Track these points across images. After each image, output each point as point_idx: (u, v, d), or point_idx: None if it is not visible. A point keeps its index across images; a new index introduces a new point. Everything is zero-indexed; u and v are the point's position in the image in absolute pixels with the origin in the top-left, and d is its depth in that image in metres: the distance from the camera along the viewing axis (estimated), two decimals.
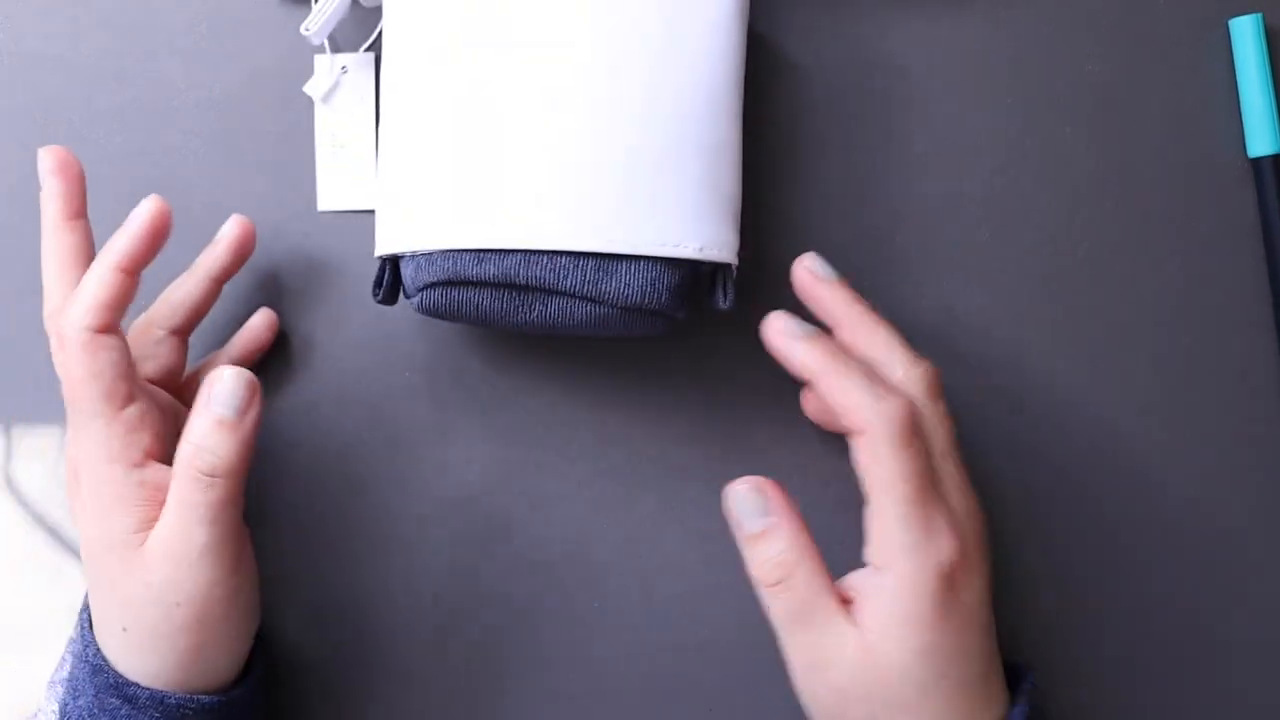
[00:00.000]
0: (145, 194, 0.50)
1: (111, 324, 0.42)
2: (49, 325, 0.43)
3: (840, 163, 0.51)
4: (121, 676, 0.42)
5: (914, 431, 0.41)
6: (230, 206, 0.50)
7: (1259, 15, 0.50)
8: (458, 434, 0.50)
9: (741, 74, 0.45)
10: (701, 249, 0.44)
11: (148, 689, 0.41)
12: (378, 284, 0.46)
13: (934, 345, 0.50)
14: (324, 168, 0.50)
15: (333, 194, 0.50)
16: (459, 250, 0.43)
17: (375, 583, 0.49)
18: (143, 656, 0.42)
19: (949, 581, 0.40)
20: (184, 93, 0.51)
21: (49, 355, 0.50)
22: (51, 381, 0.50)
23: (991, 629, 0.42)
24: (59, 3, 0.51)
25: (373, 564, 0.49)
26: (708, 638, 0.49)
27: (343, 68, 0.50)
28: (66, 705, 0.43)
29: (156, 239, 0.43)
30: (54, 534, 0.50)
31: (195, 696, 0.42)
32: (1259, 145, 0.50)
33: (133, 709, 0.41)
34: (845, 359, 0.42)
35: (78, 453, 0.42)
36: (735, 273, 0.45)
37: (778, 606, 0.42)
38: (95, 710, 0.42)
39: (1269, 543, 0.50)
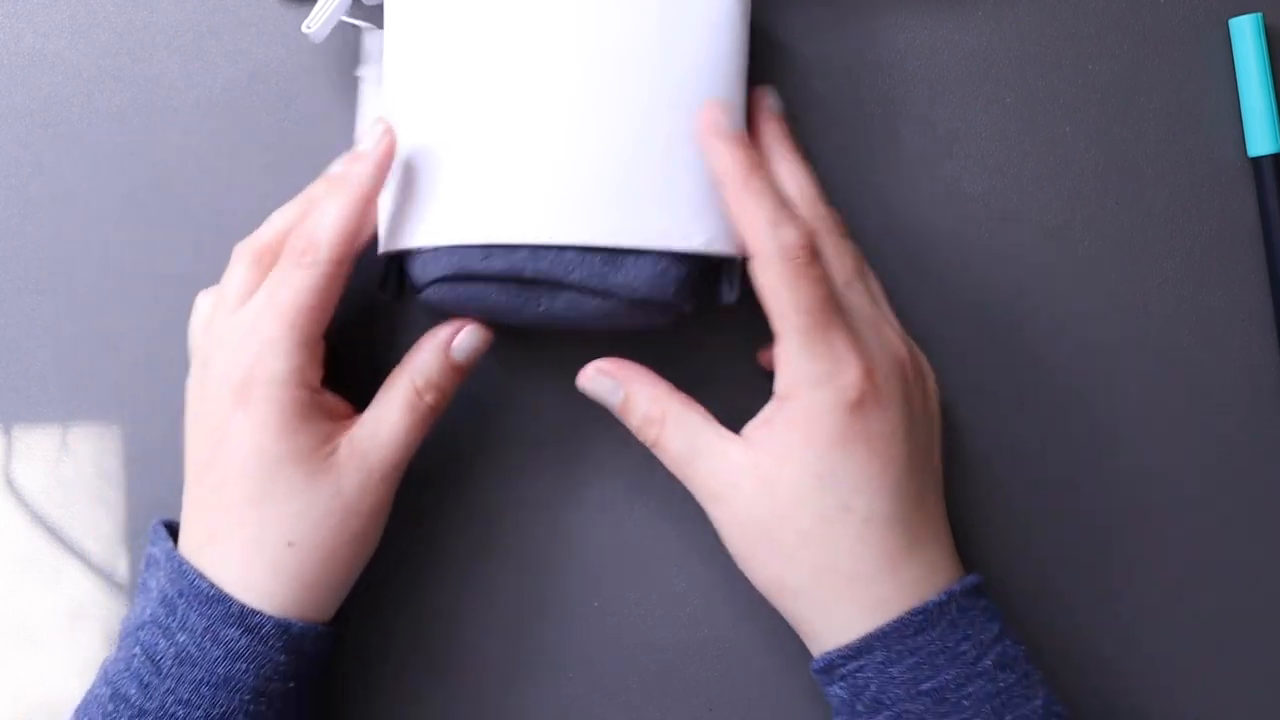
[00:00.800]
0: (145, 194, 0.51)
1: (357, 253, 0.44)
2: (268, 242, 0.45)
3: (840, 162, 0.51)
4: (244, 605, 0.41)
5: (810, 259, 0.41)
6: (230, 206, 0.50)
7: (1259, 15, 0.50)
8: (459, 433, 0.50)
9: (744, 68, 0.46)
10: (708, 242, 0.44)
11: (271, 616, 0.41)
12: (383, 281, 0.46)
13: (934, 345, 0.50)
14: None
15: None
16: (465, 246, 0.43)
17: (373, 581, 0.49)
18: (285, 575, 0.41)
19: (853, 409, 0.41)
20: (184, 92, 0.51)
21: (49, 355, 0.50)
22: (51, 381, 0.50)
23: (918, 475, 0.42)
24: (59, 2, 0.51)
25: (373, 565, 0.49)
26: (708, 636, 0.49)
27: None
28: (157, 646, 0.41)
29: (386, 172, 0.44)
30: (54, 534, 0.50)
31: (314, 625, 0.42)
32: (1259, 145, 0.50)
33: (253, 639, 0.41)
34: (760, 177, 0.42)
35: (264, 373, 0.42)
36: (742, 266, 0.45)
37: (666, 455, 0.44)
38: (204, 644, 0.40)
39: (1269, 542, 0.50)
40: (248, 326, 0.43)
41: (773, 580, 0.43)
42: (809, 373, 0.41)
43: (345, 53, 0.51)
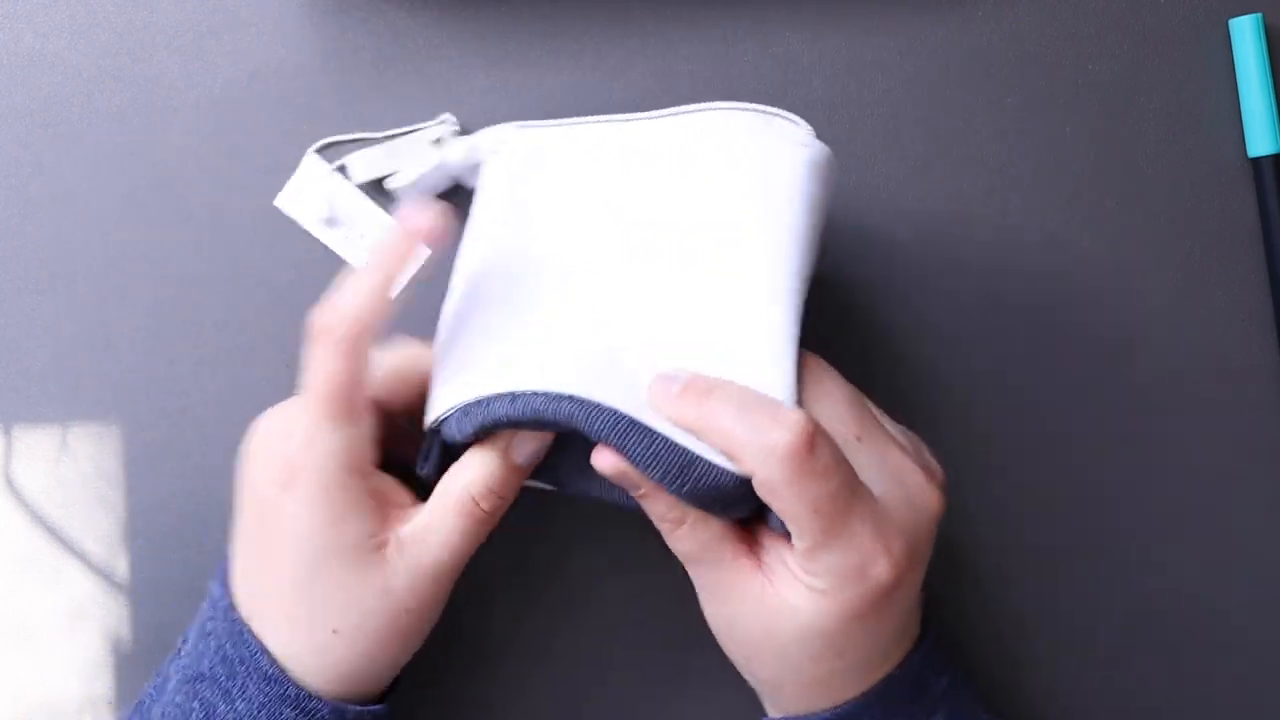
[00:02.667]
0: (146, 194, 0.51)
1: (376, 330, 0.42)
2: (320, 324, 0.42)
3: (840, 163, 0.51)
4: (300, 688, 0.40)
5: (809, 454, 0.37)
6: (230, 206, 0.50)
7: (1259, 15, 0.50)
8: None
9: (804, 261, 0.44)
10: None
11: (328, 703, 0.41)
12: (424, 457, 0.43)
13: (933, 345, 0.50)
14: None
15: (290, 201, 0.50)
16: (495, 395, 0.41)
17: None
18: (330, 659, 0.41)
19: (875, 603, 0.38)
20: (184, 93, 0.51)
21: (49, 355, 0.50)
22: (51, 381, 0.50)
23: (912, 604, 0.41)
24: (58, 2, 0.51)
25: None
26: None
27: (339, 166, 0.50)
28: (217, 709, 0.41)
29: (412, 246, 0.42)
30: (53, 534, 0.50)
31: (370, 707, 0.42)
32: (1259, 145, 0.50)
33: None
34: (721, 390, 0.39)
35: (307, 459, 0.40)
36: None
37: (675, 547, 0.41)
38: (261, 718, 0.40)
39: (1270, 542, 0.50)
40: (291, 411, 0.42)
41: (740, 664, 0.43)
42: (835, 568, 0.38)
43: (345, 53, 0.51)
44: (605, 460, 0.40)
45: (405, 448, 0.44)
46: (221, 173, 0.51)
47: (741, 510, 0.40)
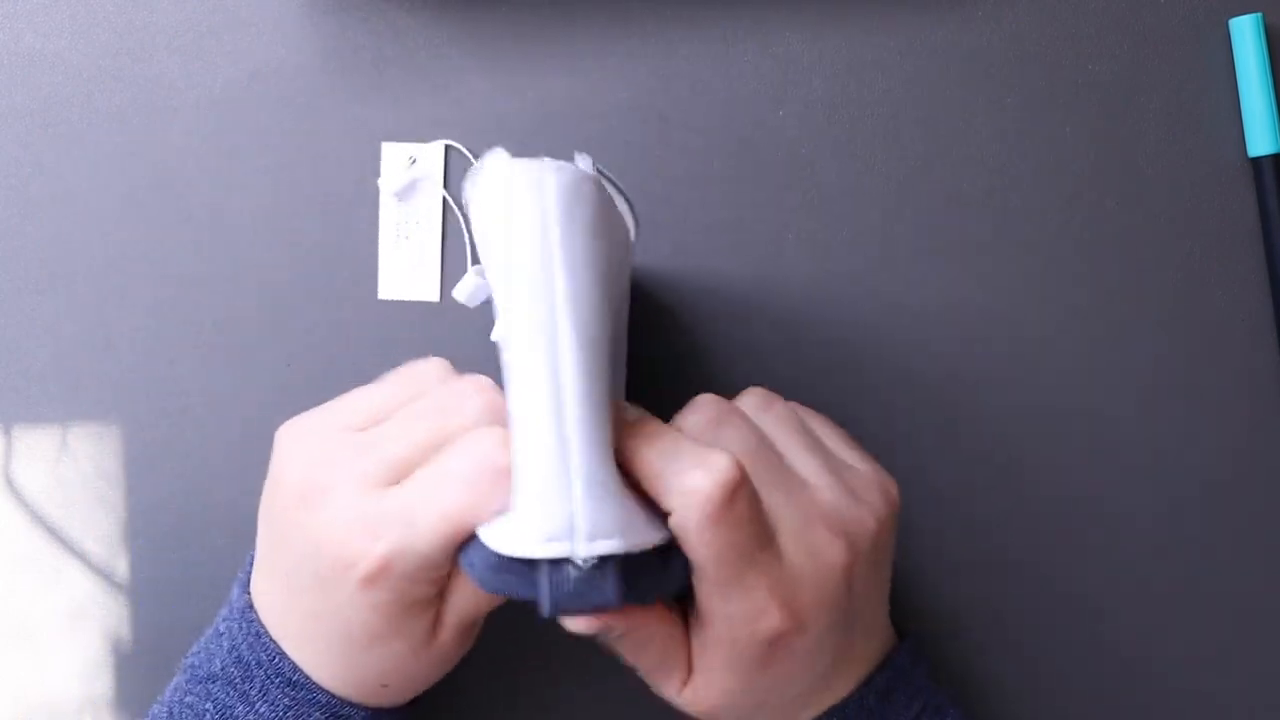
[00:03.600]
0: (146, 194, 0.51)
1: None
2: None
3: (840, 163, 0.51)
4: (333, 695, 0.40)
5: (731, 500, 0.36)
6: (230, 206, 0.50)
7: (1259, 15, 0.50)
8: None
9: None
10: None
11: (362, 708, 0.40)
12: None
13: (934, 345, 0.50)
14: (386, 258, 0.50)
15: (394, 284, 0.50)
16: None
17: None
18: (375, 698, 0.41)
19: (768, 648, 0.38)
20: (184, 93, 0.51)
21: (49, 355, 0.50)
22: (51, 381, 0.50)
23: (849, 630, 0.41)
24: (59, 2, 0.51)
25: None
26: None
27: (411, 159, 0.50)
28: (234, 710, 0.40)
29: None
30: (54, 534, 0.50)
31: (400, 709, 0.42)
32: (1259, 145, 0.50)
33: None
34: (654, 428, 0.38)
35: (400, 564, 0.37)
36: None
37: (627, 658, 0.41)
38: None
39: (1269, 543, 0.50)
40: (403, 506, 0.37)
41: None
42: (724, 612, 0.38)
43: (345, 53, 0.51)
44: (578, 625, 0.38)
45: None
46: (221, 173, 0.51)
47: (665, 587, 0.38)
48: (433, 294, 0.50)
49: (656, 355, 0.50)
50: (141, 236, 0.50)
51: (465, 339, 0.50)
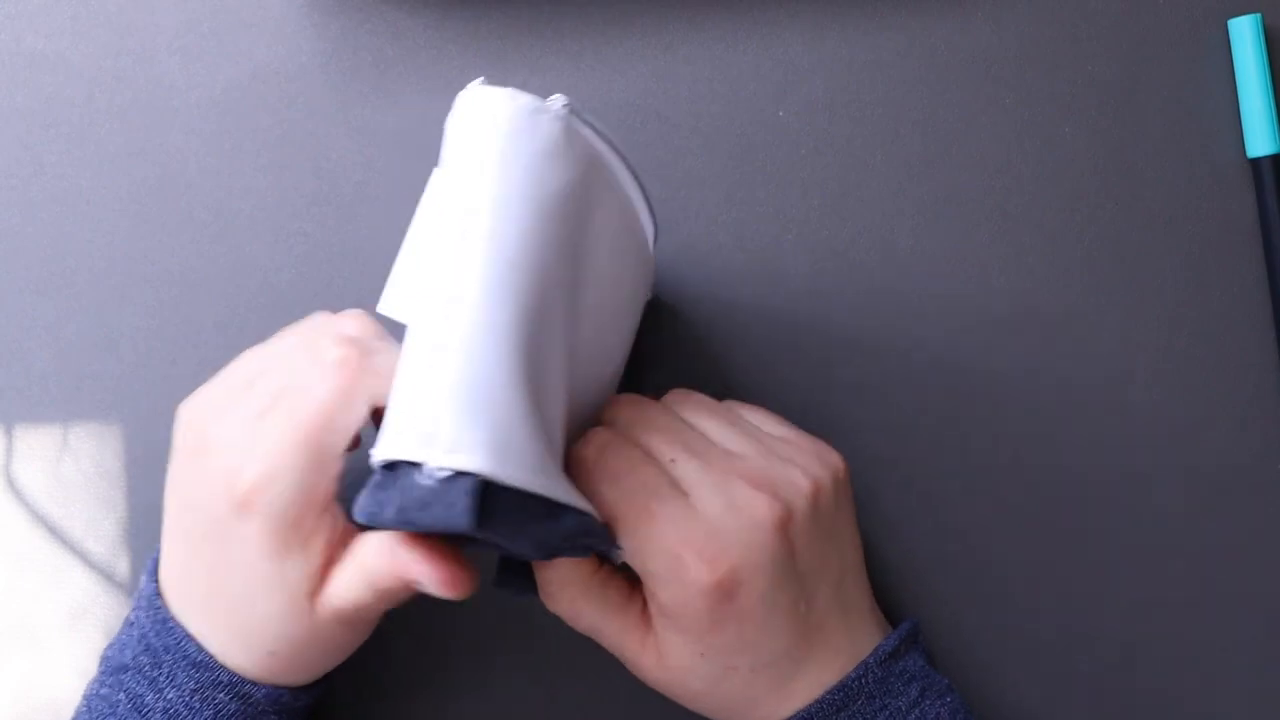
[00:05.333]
0: (147, 194, 0.51)
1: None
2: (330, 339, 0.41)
3: (841, 163, 0.51)
4: (234, 674, 0.40)
5: (598, 457, 0.39)
6: (231, 206, 0.50)
7: (1258, 15, 0.50)
8: None
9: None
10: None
11: (263, 687, 0.41)
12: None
13: (934, 345, 0.50)
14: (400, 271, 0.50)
15: (396, 305, 0.50)
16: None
17: None
18: (265, 667, 0.41)
19: (705, 602, 0.39)
20: (185, 93, 0.51)
21: (50, 354, 0.50)
22: (52, 381, 0.50)
23: (809, 598, 0.41)
24: (59, 2, 0.51)
25: None
26: None
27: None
28: (144, 699, 0.40)
29: None
30: (55, 533, 0.50)
31: (304, 689, 0.42)
32: (1259, 145, 0.50)
33: (243, 704, 0.41)
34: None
35: (269, 493, 0.38)
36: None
37: (579, 627, 0.42)
38: (194, 704, 0.40)
39: (1269, 543, 0.50)
40: (265, 429, 0.39)
41: (683, 705, 0.43)
42: (652, 573, 0.39)
43: (345, 53, 0.51)
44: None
45: None
46: (222, 173, 0.51)
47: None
48: None
49: (656, 354, 0.50)
50: (142, 236, 0.50)
51: None
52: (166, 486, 0.42)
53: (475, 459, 0.34)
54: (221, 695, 0.40)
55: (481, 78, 0.40)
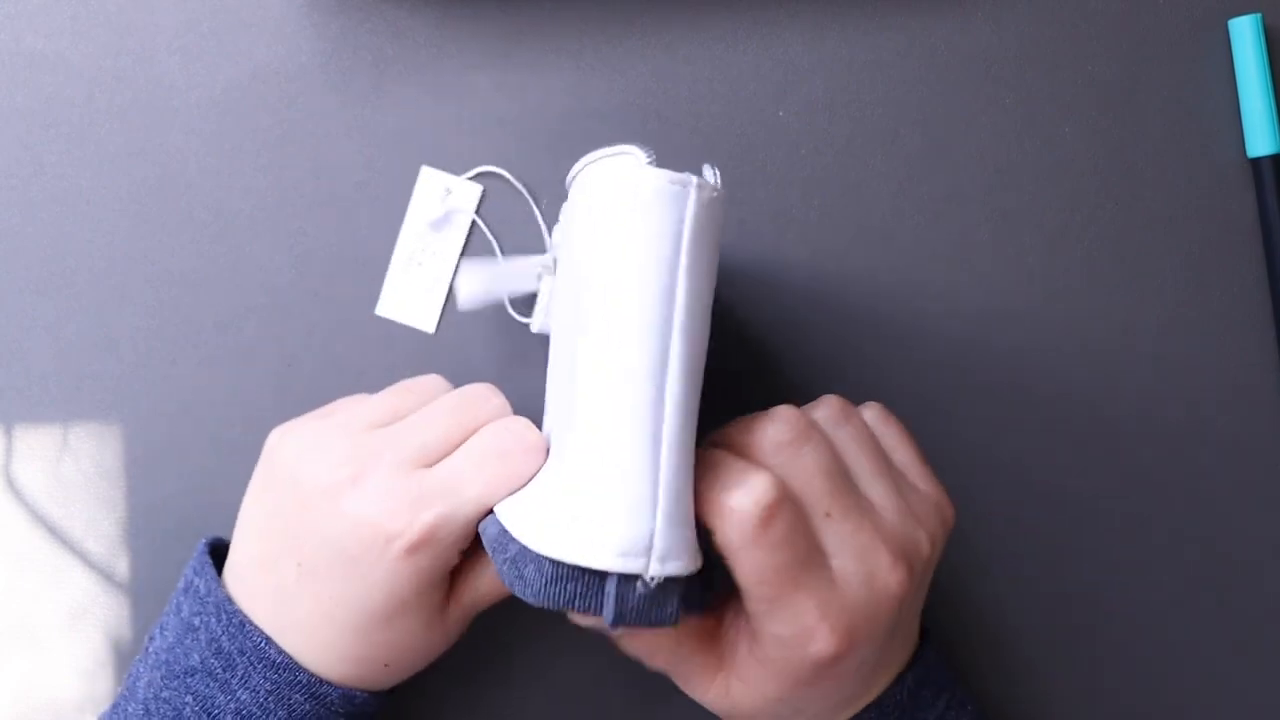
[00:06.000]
0: (147, 194, 0.51)
1: None
2: None
3: (840, 163, 0.51)
4: (312, 675, 0.41)
5: (765, 523, 0.37)
6: (231, 206, 0.50)
7: (1258, 15, 0.50)
8: None
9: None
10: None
11: (339, 688, 0.41)
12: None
13: (934, 345, 0.50)
14: (394, 279, 0.50)
15: (394, 306, 0.50)
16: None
17: None
18: (369, 679, 0.42)
19: (817, 668, 0.39)
20: (184, 92, 0.51)
21: (50, 354, 0.50)
22: (52, 381, 0.50)
23: (880, 653, 0.41)
24: (59, 2, 0.51)
25: None
26: None
27: (447, 189, 0.50)
28: (215, 700, 0.41)
29: None
30: (54, 533, 0.50)
31: (376, 694, 0.43)
32: (1259, 145, 0.50)
33: (317, 704, 0.41)
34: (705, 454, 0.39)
35: (444, 533, 0.40)
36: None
37: (629, 649, 0.43)
38: (268, 704, 0.41)
39: (1269, 543, 0.50)
40: (450, 477, 0.40)
41: None
42: (775, 634, 0.39)
43: (345, 53, 0.51)
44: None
45: None
46: (222, 173, 0.51)
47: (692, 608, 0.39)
48: (429, 325, 0.50)
49: None
50: (142, 236, 0.50)
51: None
52: (252, 512, 0.43)
53: (681, 564, 0.36)
54: (298, 696, 0.41)
55: (647, 156, 0.39)
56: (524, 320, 0.48)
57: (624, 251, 0.37)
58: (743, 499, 0.37)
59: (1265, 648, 0.50)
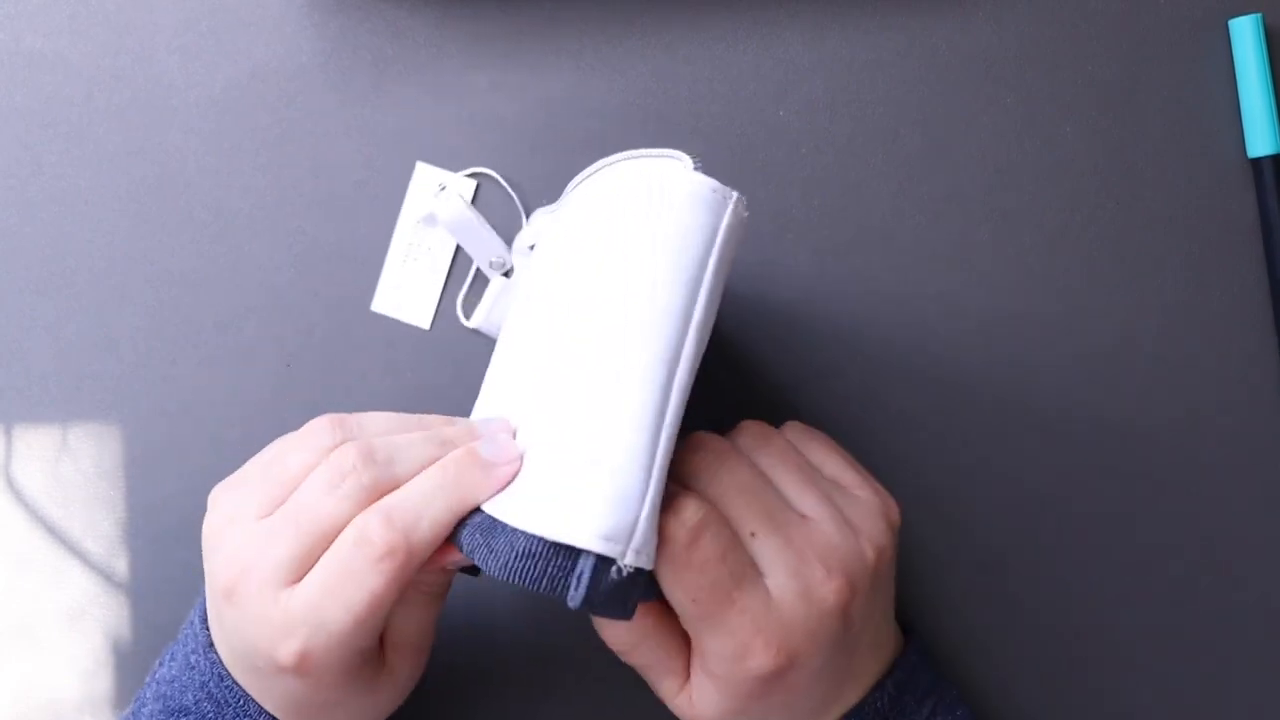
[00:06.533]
0: (146, 194, 0.51)
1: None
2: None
3: (841, 163, 0.51)
4: None
5: (690, 545, 0.38)
6: (230, 206, 0.50)
7: (1259, 15, 0.50)
8: None
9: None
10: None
11: None
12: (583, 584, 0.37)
13: (934, 345, 0.50)
14: (389, 275, 0.50)
15: (390, 302, 0.50)
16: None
17: None
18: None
19: (760, 683, 0.39)
20: (184, 92, 0.51)
21: (50, 355, 0.50)
22: (51, 381, 0.50)
23: (848, 654, 0.41)
24: (59, 2, 0.51)
25: None
26: None
27: (441, 185, 0.50)
28: None
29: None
30: (54, 534, 0.50)
31: None
32: (1259, 145, 0.50)
33: None
34: None
35: (319, 657, 0.38)
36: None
37: (625, 658, 0.43)
38: None
39: (1269, 543, 0.50)
40: (307, 608, 0.38)
41: None
42: (715, 651, 0.39)
43: (345, 53, 0.51)
44: None
45: None
46: (222, 172, 0.51)
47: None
48: (424, 321, 0.50)
49: None
50: (142, 236, 0.50)
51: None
52: (205, 560, 0.41)
53: (648, 559, 0.37)
54: None
55: (695, 162, 0.40)
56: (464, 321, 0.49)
57: (664, 243, 0.38)
58: (670, 524, 0.38)
59: (1266, 648, 0.50)
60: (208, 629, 0.42)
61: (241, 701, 0.41)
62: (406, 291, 0.50)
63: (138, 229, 0.50)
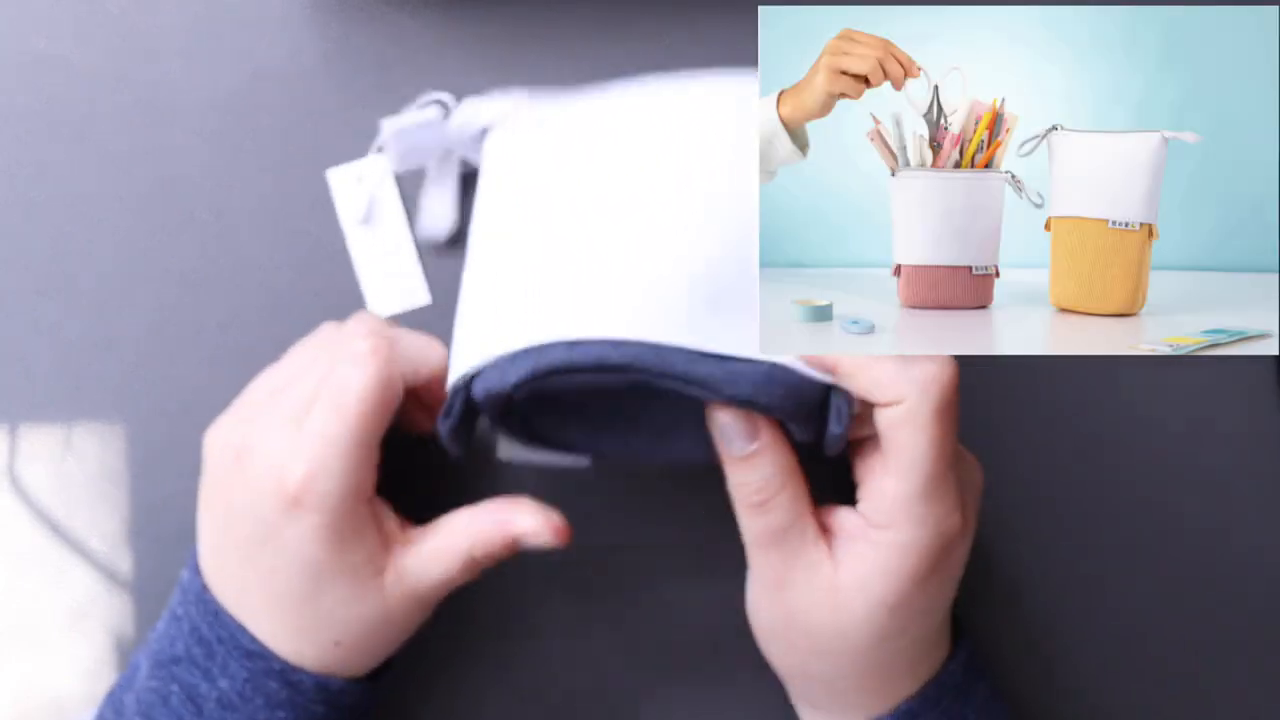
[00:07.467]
0: (148, 195, 0.51)
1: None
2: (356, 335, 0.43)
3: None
4: (286, 662, 0.41)
5: (955, 393, 0.38)
6: (233, 207, 0.51)
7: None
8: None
9: None
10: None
11: (312, 675, 0.42)
12: (445, 414, 0.41)
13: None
14: (367, 282, 0.51)
15: (382, 301, 0.51)
16: (551, 342, 0.39)
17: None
18: (327, 659, 0.42)
19: (947, 549, 0.40)
20: (186, 94, 0.51)
21: (53, 355, 0.50)
22: (55, 380, 0.50)
23: (955, 588, 0.42)
24: (62, 4, 0.51)
25: None
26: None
27: (358, 177, 0.50)
28: (198, 688, 0.41)
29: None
30: (57, 533, 0.50)
31: (353, 682, 0.43)
32: None
33: (293, 692, 0.42)
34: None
35: (314, 491, 0.40)
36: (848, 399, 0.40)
37: (755, 527, 0.41)
38: (246, 692, 0.41)
39: (1269, 543, 0.50)
40: (308, 431, 0.40)
41: (795, 666, 0.43)
42: (919, 514, 0.39)
43: (347, 54, 0.51)
44: (725, 413, 0.40)
45: (414, 415, 0.45)
46: (224, 173, 0.51)
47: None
48: (423, 297, 0.50)
49: None
50: (144, 237, 0.51)
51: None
52: (201, 504, 0.43)
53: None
54: (273, 683, 0.41)
55: (753, 74, 0.43)
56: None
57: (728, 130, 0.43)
58: (938, 368, 0.38)
59: (1266, 648, 0.50)
60: (200, 577, 0.43)
61: (234, 634, 0.41)
62: (389, 287, 0.50)
63: (140, 230, 0.51)
